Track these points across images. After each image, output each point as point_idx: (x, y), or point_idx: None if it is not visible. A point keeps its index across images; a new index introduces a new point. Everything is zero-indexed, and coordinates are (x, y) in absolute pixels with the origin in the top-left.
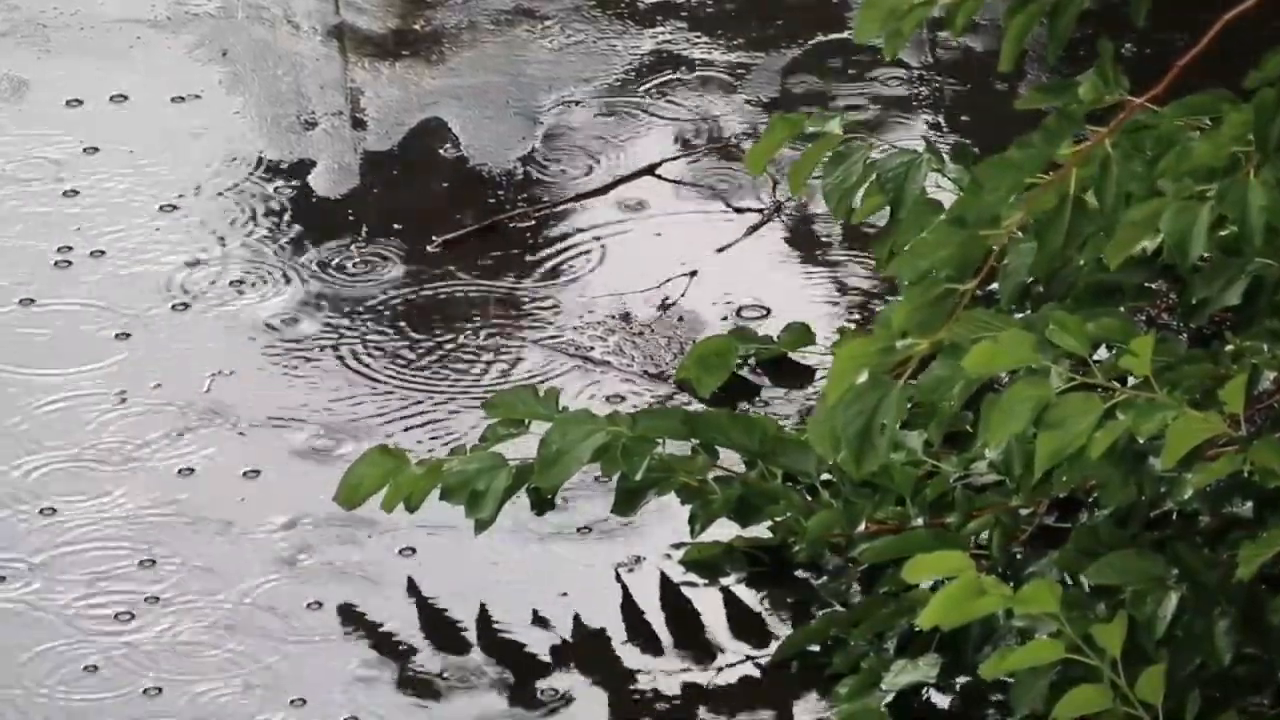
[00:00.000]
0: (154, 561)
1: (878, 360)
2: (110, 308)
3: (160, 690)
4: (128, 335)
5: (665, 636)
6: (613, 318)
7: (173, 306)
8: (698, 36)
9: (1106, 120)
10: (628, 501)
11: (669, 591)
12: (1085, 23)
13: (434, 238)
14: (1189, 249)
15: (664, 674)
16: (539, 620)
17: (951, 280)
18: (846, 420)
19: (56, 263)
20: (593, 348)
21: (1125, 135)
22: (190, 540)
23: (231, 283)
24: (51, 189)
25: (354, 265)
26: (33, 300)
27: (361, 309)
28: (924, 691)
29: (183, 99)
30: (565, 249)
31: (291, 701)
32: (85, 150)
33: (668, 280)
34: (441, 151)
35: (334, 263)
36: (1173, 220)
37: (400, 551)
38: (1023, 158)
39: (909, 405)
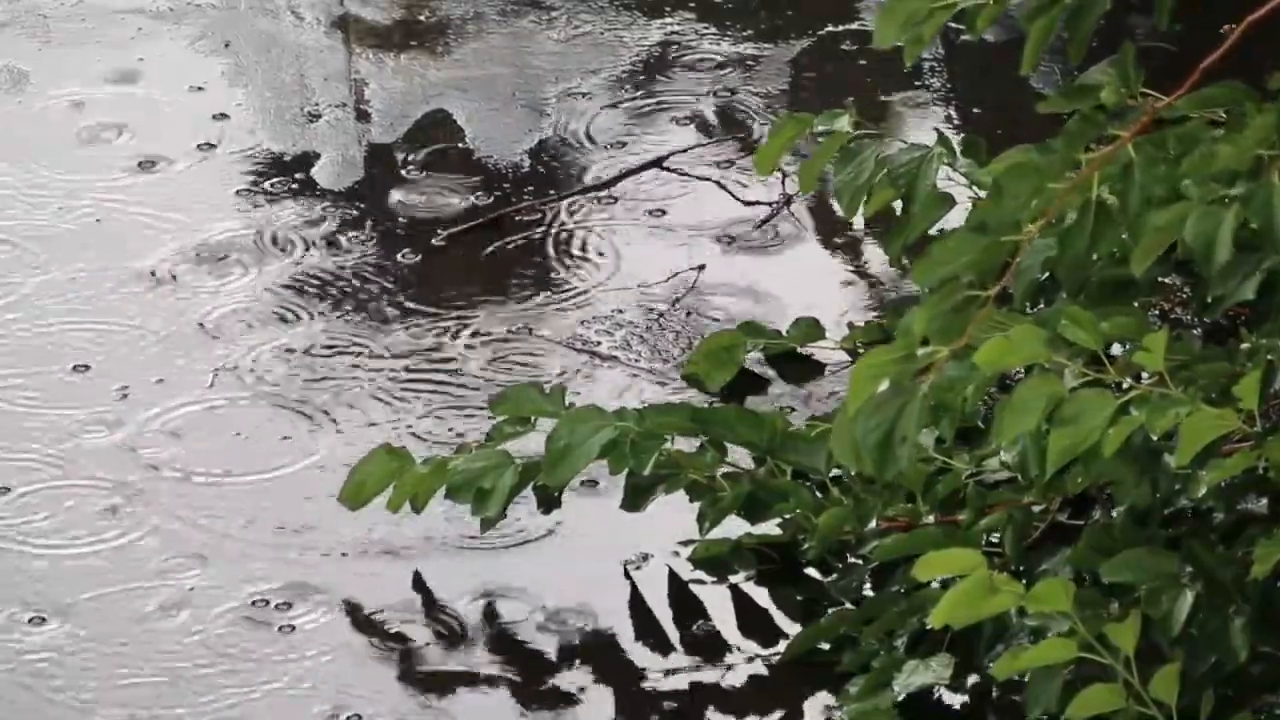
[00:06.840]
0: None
1: (898, 370)
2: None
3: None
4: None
5: (673, 634)
6: (620, 312)
7: (175, 300)
8: (706, 28)
9: (1123, 117)
10: (636, 498)
11: (677, 589)
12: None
13: (439, 231)
14: (1214, 254)
15: (672, 672)
16: (547, 618)
17: (972, 287)
18: (867, 430)
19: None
20: (599, 343)
21: (1146, 136)
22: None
23: (232, 279)
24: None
25: (356, 261)
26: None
27: (363, 306)
28: (934, 691)
29: (185, 91)
30: (571, 243)
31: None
32: (85, 143)
33: (676, 274)
34: (446, 144)
35: (336, 258)
36: (1197, 225)
37: (405, 549)
38: (1044, 162)
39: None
